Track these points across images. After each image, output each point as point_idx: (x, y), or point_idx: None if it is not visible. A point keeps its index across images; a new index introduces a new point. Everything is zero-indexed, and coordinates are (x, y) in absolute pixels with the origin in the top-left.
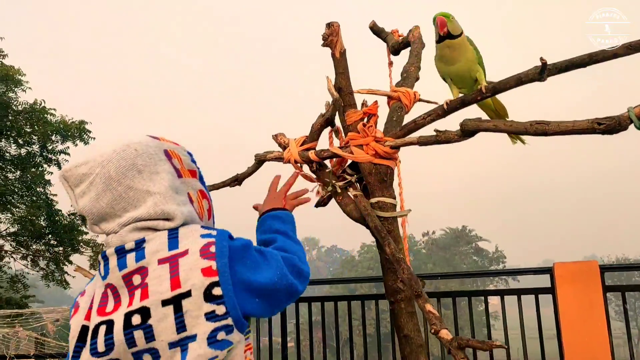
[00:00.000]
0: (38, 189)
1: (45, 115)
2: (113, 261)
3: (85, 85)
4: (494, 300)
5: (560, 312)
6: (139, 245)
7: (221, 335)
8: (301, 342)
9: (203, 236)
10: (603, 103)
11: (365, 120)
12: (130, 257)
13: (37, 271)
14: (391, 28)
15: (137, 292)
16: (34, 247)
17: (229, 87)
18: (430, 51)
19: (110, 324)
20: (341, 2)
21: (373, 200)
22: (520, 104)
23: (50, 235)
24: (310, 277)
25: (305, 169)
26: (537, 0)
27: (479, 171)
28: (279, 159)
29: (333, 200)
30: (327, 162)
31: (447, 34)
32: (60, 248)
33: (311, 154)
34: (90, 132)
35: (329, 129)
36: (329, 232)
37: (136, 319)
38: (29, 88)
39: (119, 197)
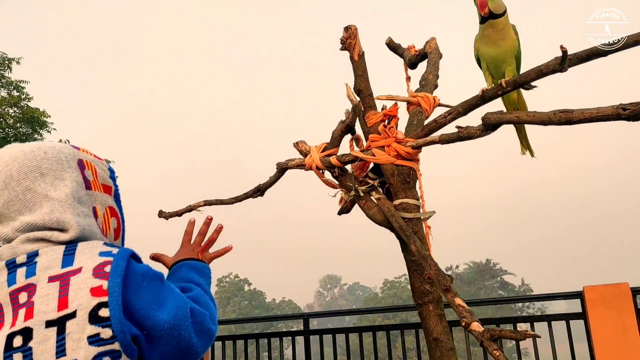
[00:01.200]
0: None
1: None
2: (3, 276)
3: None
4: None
5: (593, 337)
6: (31, 259)
7: None
8: None
9: (102, 254)
10: (625, 92)
11: (386, 122)
12: (21, 272)
13: None
14: (405, 41)
15: (22, 312)
16: None
17: (244, 96)
18: (449, 60)
19: None
20: (356, 10)
21: (396, 202)
22: (541, 98)
23: None
24: (336, 309)
25: (327, 175)
26: None
27: (497, 194)
28: (301, 166)
29: (355, 236)
30: (348, 167)
31: (488, 14)
32: None
33: (333, 159)
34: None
35: (349, 136)
36: (351, 270)
37: (17, 341)
38: None
39: (15, 197)
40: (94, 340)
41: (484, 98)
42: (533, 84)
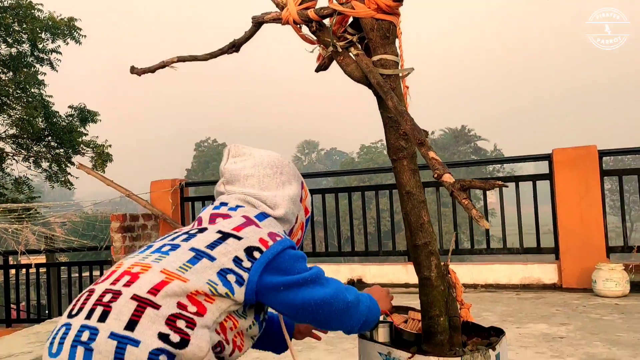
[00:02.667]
0: (32, 90)
1: (33, 11)
2: (214, 204)
3: None
4: (492, 198)
5: (557, 197)
6: (237, 207)
7: (231, 278)
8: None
9: (279, 232)
10: None
11: None
12: (226, 208)
13: (40, 172)
14: None
15: (212, 224)
16: (35, 148)
17: None
18: None
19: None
20: None
21: (375, 57)
22: None
23: (49, 137)
24: (313, 172)
25: (305, 30)
26: None
27: (476, 63)
28: (277, 20)
29: (333, 102)
30: (327, 22)
31: None
32: (61, 150)
33: (310, 13)
34: (80, 29)
35: None
36: (329, 135)
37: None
38: None
39: (255, 175)
40: (237, 261)
41: None
42: None
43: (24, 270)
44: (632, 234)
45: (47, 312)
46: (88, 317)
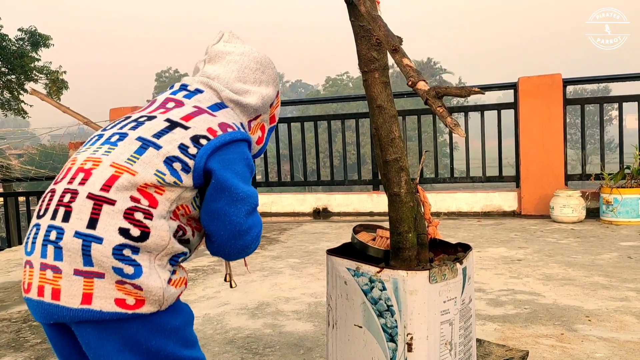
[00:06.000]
0: None
1: None
2: (173, 89)
3: None
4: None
5: (520, 126)
6: (196, 92)
7: (177, 166)
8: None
9: (235, 125)
10: None
11: None
12: (182, 94)
13: None
14: None
15: (163, 111)
16: None
17: None
18: None
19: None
20: None
21: None
22: None
23: None
24: (286, 100)
25: None
26: None
27: None
28: None
29: (299, 34)
30: None
31: None
32: (13, 76)
33: None
34: None
35: None
36: (294, 68)
37: (142, 119)
38: None
39: (235, 62)
40: (182, 147)
41: None
42: None
43: None
44: (588, 166)
45: (7, 243)
46: (53, 217)
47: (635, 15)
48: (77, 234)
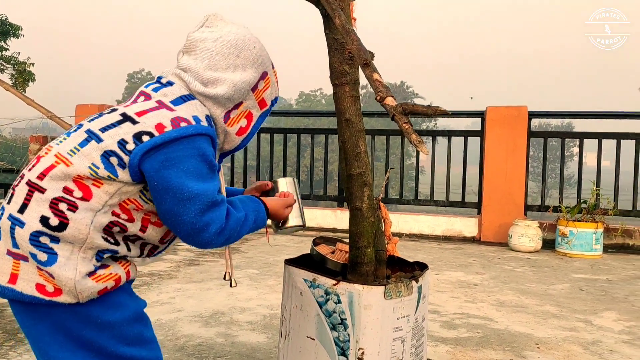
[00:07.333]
0: None
1: None
2: (149, 84)
3: None
4: (423, 156)
5: (485, 153)
6: (167, 84)
7: (113, 160)
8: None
9: (195, 118)
10: None
11: None
12: (153, 87)
13: None
14: None
15: (133, 104)
16: None
17: None
18: None
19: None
20: None
21: None
22: None
23: None
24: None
25: None
26: None
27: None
28: None
29: (277, 43)
30: None
31: None
32: None
33: None
34: None
35: None
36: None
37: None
38: None
39: (207, 49)
40: (121, 143)
41: None
42: None
43: None
44: (547, 199)
45: None
46: (8, 201)
47: (635, 15)
48: (10, 217)
